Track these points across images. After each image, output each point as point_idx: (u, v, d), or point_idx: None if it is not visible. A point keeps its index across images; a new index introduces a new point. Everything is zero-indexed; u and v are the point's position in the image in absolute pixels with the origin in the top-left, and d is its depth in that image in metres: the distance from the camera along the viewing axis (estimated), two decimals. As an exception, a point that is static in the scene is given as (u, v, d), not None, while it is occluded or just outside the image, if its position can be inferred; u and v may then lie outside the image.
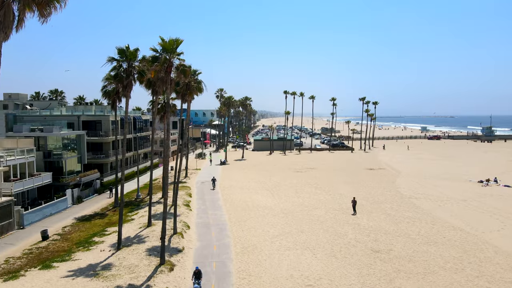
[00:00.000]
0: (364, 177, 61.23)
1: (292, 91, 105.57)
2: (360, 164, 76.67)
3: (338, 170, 68.80)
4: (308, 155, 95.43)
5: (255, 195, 48.30)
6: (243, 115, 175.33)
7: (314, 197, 47.05)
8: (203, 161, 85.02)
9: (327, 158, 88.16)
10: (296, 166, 74.83)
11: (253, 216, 38.36)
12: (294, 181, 57.76)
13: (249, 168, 72.77)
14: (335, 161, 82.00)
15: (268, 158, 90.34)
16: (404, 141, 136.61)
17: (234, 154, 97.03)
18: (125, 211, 40.01)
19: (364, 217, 37.66)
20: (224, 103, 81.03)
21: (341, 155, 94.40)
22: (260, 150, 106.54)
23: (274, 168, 72.52)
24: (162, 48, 23.47)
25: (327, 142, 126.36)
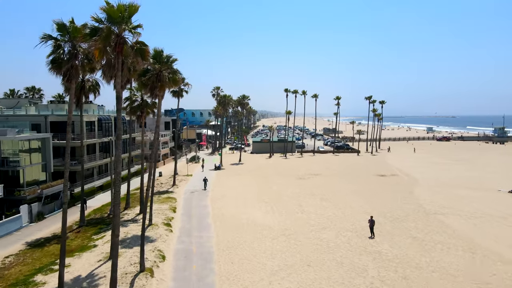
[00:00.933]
0: (376, 186, 53.82)
1: (294, 89, 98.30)
2: (369, 169, 69.23)
3: (346, 177, 61.36)
4: (311, 159, 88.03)
5: (251, 209, 40.90)
6: (242, 115, 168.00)
7: (320, 211, 39.65)
8: (196, 165, 77.64)
9: (332, 162, 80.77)
10: (299, 171, 67.43)
11: (247, 239, 30.99)
12: (297, 191, 50.38)
13: (246, 174, 65.39)
14: (340, 166, 74.58)
15: (267, 162, 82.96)
16: (412, 142, 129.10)
17: (231, 157, 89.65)
18: (90, 232, 32.71)
19: (385, 242, 30.27)
20: (220, 102, 73.68)
21: (346, 159, 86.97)
22: (259, 152, 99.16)
23: (274, 174, 65.13)
24: (107, 16, 16.12)
25: (331, 144, 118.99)
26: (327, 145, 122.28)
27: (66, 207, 20.79)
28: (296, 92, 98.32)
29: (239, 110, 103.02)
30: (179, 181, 58.01)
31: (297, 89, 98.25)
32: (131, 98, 37.68)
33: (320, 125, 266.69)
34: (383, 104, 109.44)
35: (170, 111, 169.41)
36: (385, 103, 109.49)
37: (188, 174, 65.02)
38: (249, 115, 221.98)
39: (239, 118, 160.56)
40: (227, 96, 74.16)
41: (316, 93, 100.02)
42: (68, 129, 21.60)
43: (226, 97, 74.15)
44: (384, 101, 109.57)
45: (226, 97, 74.14)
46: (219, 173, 66.29)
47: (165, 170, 69.31)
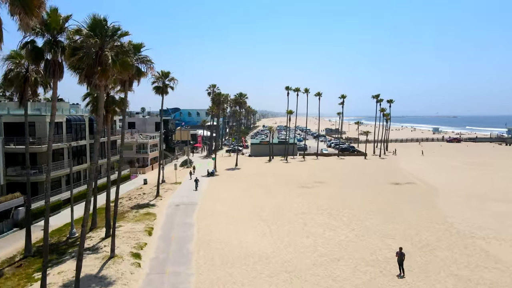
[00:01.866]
0: (392, 197, 46.30)
1: (295, 87, 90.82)
2: (380, 176, 61.69)
3: (355, 185, 53.85)
4: (314, 163, 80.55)
5: (245, 229, 33.45)
6: (240, 115, 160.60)
7: (330, 234, 32.18)
8: (188, 171, 70.19)
9: (337, 167, 73.25)
10: (301, 178, 59.94)
11: (236, 279, 23.55)
12: (300, 204, 42.90)
13: (242, 181, 57.90)
14: (347, 171, 67.04)
15: (267, 166, 75.45)
16: (422, 144, 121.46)
17: (227, 161, 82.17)
18: (34, 267, 25.23)
19: (420, 283, 22.81)
20: (214, 100, 66.11)
21: (353, 163, 79.43)
22: (258, 155, 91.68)
23: (274, 181, 57.65)
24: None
25: (335, 146, 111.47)
26: (330, 147, 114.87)
27: None
28: (298, 90, 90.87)
29: (237, 110, 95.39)
30: (164, 191, 50.55)
31: (299, 87, 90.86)
32: (92, 94, 30.14)
33: (321, 125, 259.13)
34: (391, 103, 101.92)
35: (165, 111, 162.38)
36: (393, 102, 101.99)
37: (176, 181, 57.52)
38: (248, 115, 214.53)
39: (237, 118, 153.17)
40: (221, 94, 66.68)
41: (320, 91, 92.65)
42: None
43: (220, 95, 66.68)
44: (392, 100, 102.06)
45: (221, 95, 66.65)
46: (212, 181, 58.78)
47: (152, 176, 61.84)
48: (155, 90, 45.68)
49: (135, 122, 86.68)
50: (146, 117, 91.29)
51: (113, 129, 55.90)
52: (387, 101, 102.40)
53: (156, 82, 45.49)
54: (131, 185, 56.08)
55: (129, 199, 46.01)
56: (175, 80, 46.03)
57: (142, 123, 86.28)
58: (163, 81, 45.58)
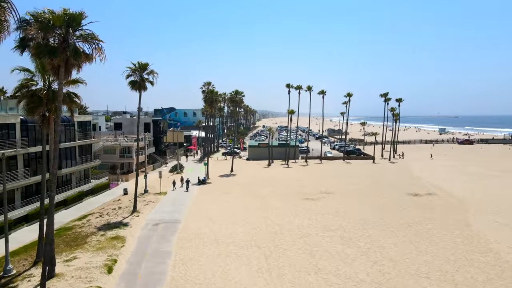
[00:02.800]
0: (414, 213, 38.71)
1: (297, 85, 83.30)
2: (394, 184, 54.13)
3: (368, 197, 46.29)
4: (318, 167, 73.02)
5: (235, 265, 25.94)
6: (237, 115, 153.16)
7: (346, 270, 24.67)
8: (179, 177, 62.74)
9: (344, 173, 65.67)
10: (305, 187, 52.44)
11: None
12: (305, 223, 35.43)
13: (236, 192, 50.36)
14: (356, 178, 59.47)
15: (265, 172, 67.88)
16: (432, 146, 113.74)
17: (222, 166, 74.72)
18: None
19: None
20: (206, 99, 58.35)
21: (361, 168, 71.86)
22: (257, 158, 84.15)
23: (273, 191, 50.16)
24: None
25: (339, 148, 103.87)
26: (334, 149, 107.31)
27: None
28: (300, 88, 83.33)
29: (235, 109, 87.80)
30: (144, 204, 43.06)
31: (301, 85, 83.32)
32: (27, 86, 22.49)
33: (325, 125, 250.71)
34: (400, 102, 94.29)
35: (160, 110, 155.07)
36: (402, 101, 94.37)
37: (161, 192, 50.00)
38: (247, 115, 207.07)
39: (235, 118, 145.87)
40: (214, 92, 58.99)
41: (323, 89, 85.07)
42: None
43: (213, 93, 58.99)
44: (401, 99, 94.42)
45: (214, 93, 58.99)
46: (202, 191, 51.22)
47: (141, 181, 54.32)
48: (131, 86, 38.11)
49: (121, 123, 79.16)
50: (135, 118, 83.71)
51: (88, 131, 48.40)
52: (396, 100, 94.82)
53: (132, 76, 37.96)
54: (108, 196, 48.57)
55: (99, 216, 38.49)
56: (155, 74, 38.47)
57: (130, 123, 78.71)
58: (140, 74, 38.03)
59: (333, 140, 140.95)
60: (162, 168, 71.68)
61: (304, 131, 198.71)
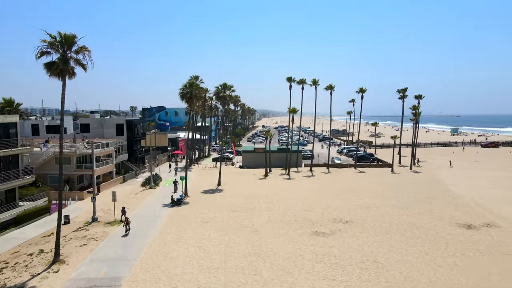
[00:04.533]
0: (483, 263, 25.29)
1: (300, 79, 69.88)
2: (432, 208, 40.67)
3: (402, 231, 32.83)
4: (326, 179, 59.56)
5: None
6: (235, 114, 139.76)
7: None
8: (152, 193, 49.53)
9: (360, 187, 52.22)
10: (313, 211, 39.07)
11: None
12: (316, 277, 22.07)
13: (220, 220, 36.93)
14: (378, 197, 46.08)
15: (261, 185, 54.42)
16: (454, 150, 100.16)
17: (209, 175, 61.48)
18: None
19: None
20: (183, 94, 44.78)
21: (379, 179, 58.44)
22: (252, 166, 70.81)
23: (271, 218, 36.79)
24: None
25: (348, 153, 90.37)
26: (342, 153, 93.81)
27: None
28: (304, 83, 69.88)
29: (224, 107, 74.10)
30: (81, 245, 29.66)
31: (304, 78, 69.90)
32: None
33: (327, 126, 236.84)
34: (419, 99, 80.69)
35: (149, 109, 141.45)
36: (422, 98, 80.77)
37: (115, 220, 36.54)
38: (245, 114, 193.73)
39: (231, 117, 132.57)
40: (194, 85, 45.32)
41: (332, 84, 71.59)
42: None
43: (192, 86, 45.29)
44: (421, 96, 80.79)
45: (194, 87, 45.32)
46: (173, 218, 37.72)
47: (91, 205, 41.02)
48: (47, 70, 24.58)
49: (89, 124, 65.77)
50: (105, 118, 70.28)
51: (11, 137, 34.99)
52: (415, 96, 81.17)
53: (48, 55, 24.47)
54: (42, 226, 35.15)
55: (2, 268, 25.14)
56: (86, 52, 24.92)
57: (99, 125, 65.40)
58: (63, 52, 24.55)
59: (339, 142, 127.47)
60: (133, 181, 58.25)
61: (306, 131, 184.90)
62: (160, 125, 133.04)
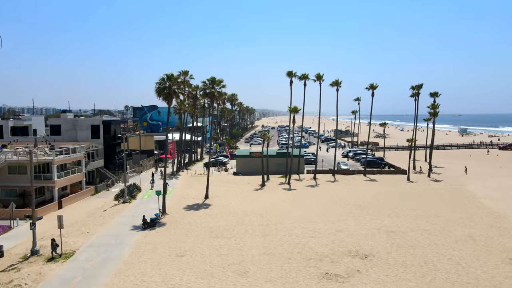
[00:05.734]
0: None
1: (302, 74, 61.36)
2: (472, 232, 32.22)
3: (439, 273, 24.36)
4: (333, 190, 51.06)
5: None
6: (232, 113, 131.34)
7: None
8: (124, 208, 41.10)
9: (374, 201, 43.73)
10: (320, 237, 30.61)
11: None
12: None
13: (201, 252, 28.44)
14: (398, 216, 37.66)
15: (256, 199, 45.87)
16: (469, 152, 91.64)
17: (197, 185, 53.20)
18: None
19: None
20: (160, 89, 36.23)
21: (395, 190, 49.99)
22: (247, 173, 62.41)
23: (266, 250, 28.36)
24: None
25: (354, 156, 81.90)
26: (347, 156, 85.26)
27: None
28: (306, 78, 61.39)
29: (212, 105, 65.21)
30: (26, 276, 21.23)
31: (307, 73, 61.46)
32: None
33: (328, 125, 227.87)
34: (435, 97, 72.15)
35: (140, 108, 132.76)
36: (439, 95, 72.23)
37: (62, 254, 27.99)
38: (243, 114, 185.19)
39: (226, 117, 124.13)
40: (173, 78, 36.61)
41: (338, 79, 63.12)
42: None
43: (171, 80, 36.52)
44: (437, 93, 72.29)
45: (172, 81, 36.62)
46: (140, 247, 29.19)
47: (42, 228, 32.68)
48: None
49: (60, 126, 57.24)
50: (78, 119, 61.80)
51: None
52: (430, 94, 72.72)
53: None
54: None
55: None
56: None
57: (71, 126, 56.93)
58: None
59: (343, 143, 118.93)
60: (109, 192, 49.71)
61: (307, 131, 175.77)
62: (153, 125, 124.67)
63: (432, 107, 61.52)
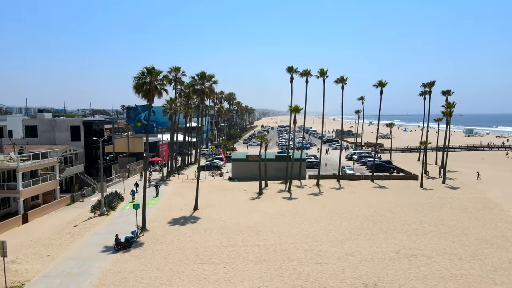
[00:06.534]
0: None
1: (304, 70, 55.88)
2: (508, 257, 26.77)
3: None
4: (339, 198, 45.55)
5: None
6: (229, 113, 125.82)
7: None
8: (100, 223, 35.61)
9: (389, 214, 38.27)
10: (326, 265, 25.16)
11: None
12: None
13: (179, 280, 23.01)
14: (420, 235, 32.20)
15: (252, 211, 40.33)
16: (482, 154, 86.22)
17: (187, 193, 47.65)
18: None
19: None
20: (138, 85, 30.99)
21: (409, 200, 44.51)
22: (244, 178, 56.96)
23: (261, 279, 22.96)
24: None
25: (359, 159, 76.21)
26: (352, 159, 79.79)
27: None
28: (308, 74, 55.92)
29: (201, 103, 59.31)
30: None
31: (309, 69, 56.02)
32: None
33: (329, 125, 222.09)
34: (448, 95, 66.75)
35: (133, 108, 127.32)
36: (451, 94, 66.80)
37: (7, 287, 22.47)
38: (242, 114, 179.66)
39: (224, 117, 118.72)
40: (155, 72, 31.16)
41: (343, 75, 57.61)
42: None
43: (152, 74, 31.02)
44: (450, 91, 66.91)
45: (154, 75, 31.13)
46: (105, 280, 23.68)
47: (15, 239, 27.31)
48: None
49: (36, 127, 51.74)
50: (57, 119, 56.19)
51: None
52: (442, 92, 67.49)
53: None
54: None
55: None
56: None
57: (49, 128, 51.45)
58: None
59: (346, 145, 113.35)
60: (87, 201, 43.94)
61: (307, 132, 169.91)
62: (147, 125, 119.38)
63: (447, 106, 55.88)
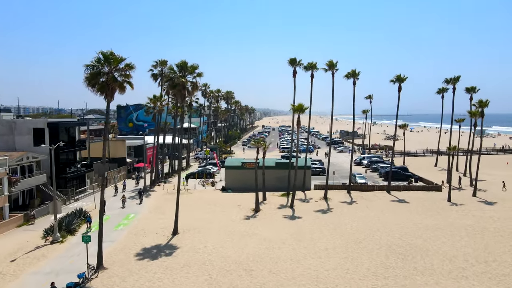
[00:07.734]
0: None
1: (309, 63, 47.70)
2: None
3: None
4: (351, 217, 37.31)
5: None
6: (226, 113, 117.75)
7: None
8: (50, 254, 27.45)
9: (418, 242, 30.13)
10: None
11: None
12: None
13: None
14: (470, 279, 23.99)
15: (245, 237, 32.11)
16: (506, 159, 77.98)
17: (171, 206, 39.45)
18: None
19: None
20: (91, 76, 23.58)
21: (438, 220, 36.39)
22: (239, 189, 48.92)
23: None
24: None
25: (370, 165, 67.82)
26: (360, 164, 71.63)
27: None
28: (314, 68, 47.78)
29: (179, 101, 51.30)
30: None
31: (315, 62, 47.90)
32: None
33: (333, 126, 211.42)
34: (473, 92, 58.48)
35: (125, 107, 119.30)
36: (476, 91, 58.55)
37: None
38: (242, 114, 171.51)
39: (221, 117, 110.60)
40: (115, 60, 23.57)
41: (355, 69, 49.27)
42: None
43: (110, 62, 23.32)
44: (475, 88, 58.64)
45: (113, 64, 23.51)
46: None
47: None
48: None
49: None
50: (16, 120, 47.89)
51: None
52: (466, 89, 59.23)
53: None
54: None
55: None
56: None
57: (8, 130, 43.38)
58: None
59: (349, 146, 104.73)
60: (37, 226, 35.41)
61: (310, 133, 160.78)
62: (139, 126, 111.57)
63: (480, 105, 47.51)
